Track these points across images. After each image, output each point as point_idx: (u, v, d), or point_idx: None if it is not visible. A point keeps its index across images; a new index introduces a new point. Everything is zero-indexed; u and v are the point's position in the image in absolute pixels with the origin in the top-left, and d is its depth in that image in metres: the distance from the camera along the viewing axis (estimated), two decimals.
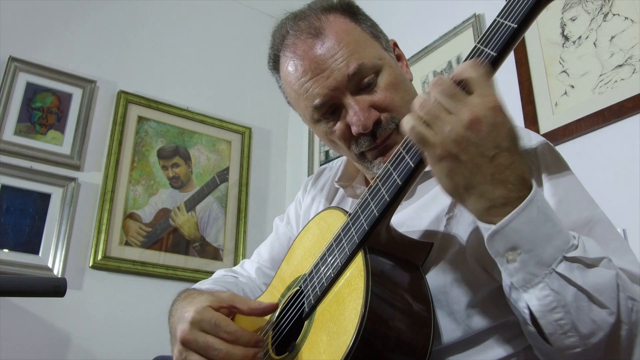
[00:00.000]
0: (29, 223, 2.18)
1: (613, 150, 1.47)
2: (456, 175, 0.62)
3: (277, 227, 1.23)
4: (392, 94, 0.88)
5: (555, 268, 0.60)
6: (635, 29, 1.47)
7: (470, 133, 0.60)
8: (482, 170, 0.60)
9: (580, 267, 0.61)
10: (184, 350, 0.77)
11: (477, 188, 0.61)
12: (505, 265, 0.62)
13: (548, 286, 0.60)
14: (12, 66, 2.30)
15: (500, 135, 0.60)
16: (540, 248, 0.61)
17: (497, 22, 0.66)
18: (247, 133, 2.82)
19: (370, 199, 0.74)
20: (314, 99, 0.88)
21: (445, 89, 0.62)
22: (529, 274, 0.61)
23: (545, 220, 0.61)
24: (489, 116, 0.60)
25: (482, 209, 0.62)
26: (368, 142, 0.88)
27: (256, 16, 3.11)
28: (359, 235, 0.73)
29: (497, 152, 0.60)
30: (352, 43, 0.88)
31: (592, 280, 0.61)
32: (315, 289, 0.77)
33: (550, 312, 0.61)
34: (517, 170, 0.61)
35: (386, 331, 0.66)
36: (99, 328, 2.17)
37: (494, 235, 0.61)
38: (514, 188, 0.61)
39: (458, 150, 0.60)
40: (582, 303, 0.61)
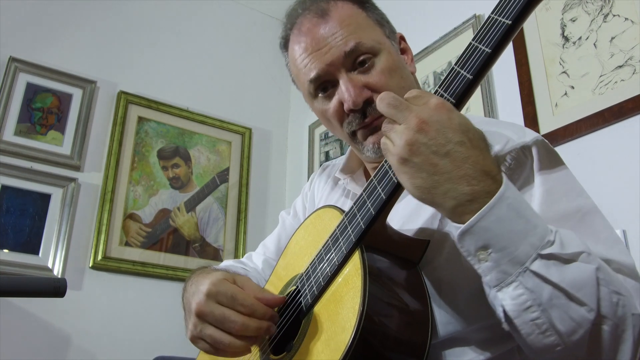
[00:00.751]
0: (29, 223, 2.18)
1: (613, 151, 1.47)
2: (416, 179, 0.62)
3: (283, 220, 1.24)
4: (387, 78, 0.90)
5: (529, 266, 0.59)
6: (635, 29, 1.47)
7: (419, 135, 0.61)
8: (440, 168, 0.61)
9: (557, 264, 0.60)
10: (199, 322, 0.77)
11: (439, 188, 0.61)
12: (477, 264, 0.62)
13: (522, 285, 0.60)
14: (12, 66, 2.30)
15: (449, 131, 0.61)
16: (512, 246, 0.60)
17: (491, 19, 0.66)
18: (247, 134, 2.83)
19: (367, 197, 0.74)
20: (310, 73, 0.92)
21: (390, 102, 0.65)
22: (502, 272, 0.60)
23: (517, 217, 0.60)
24: (434, 115, 0.62)
25: (449, 208, 0.62)
26: (358, 120, 0.91)
27: (256, 17, 3.11)
28: (355, 233, 0.73)
29: (450, 148, 0.61)
30: (354, 25, 0.92)
31: (569, 276, 0.60)
32: (312, 288, 0.77)
33: (525, 312, 0.60)
34: (477, 164, 0.61)
35: (384, 329, 0.66)
36: (99, 328, 2.17)
37: (463, 234, 0.61)
38: (477, 182, 0.60)
39: (410, 154, 0.62)
40: (559, 301, 0.60)
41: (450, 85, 0.67)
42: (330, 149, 2.64)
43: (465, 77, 0.66)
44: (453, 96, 0.66)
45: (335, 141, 2.62)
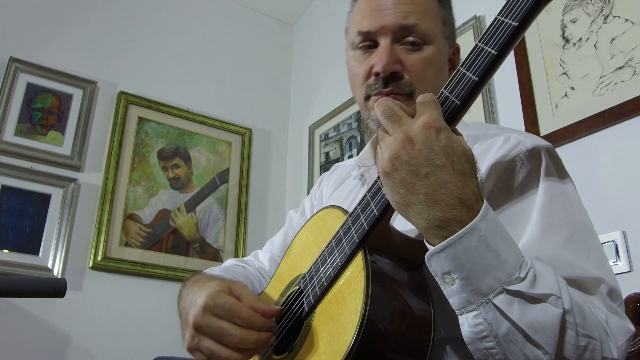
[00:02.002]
0: (29, 224, 2.18)
1: (613, 152, 1.47)
2: (394, 194, 0.64)
3: (291, 218, 1.25)
4: (423, 68, 0.91)
5: (492, 299, 0.59)
6: (635, 30, 1.47)
7: (403, 152, 0.62)
8: (416, 188, 0.61)
9: (521, 302, 0.60)
10: (196, 335, 0.77)
11: (412, 207, 0.62)
12: (443, 286, 0.62)
13: (481, 315, 0.60)
14: (12, 67, 2.30)
15: (433, 153, 0.61)
16: (476, 278, 0.60)
17: (497, 21, 0.66)
18: (247, 134, 2.83)
19: (371, 198, 0.74)
20: (362, 25, 0.94)
21: (384, 110, 0.65)
22: (464, 299, 0.60)
23: (486, 250, 0.60)
24: (420, 134, 0.61)
25: (421, 228, 0.63)
26: (379, 86, 0.91)
27: (257, 17, 3.12)
28: (358, 234, 0.73)
29: (430, 171, 0.61)
30: (422, 8, 0.93)
31: (529, 317, 0.60)
32: (315, 289, 0.77)
33: (481, 341, 0.60)
34: (455, 191, 0.60)
35: (386, 331, 0.66)
36: (99, 329, 2.17)
37: (431, 257, 0.62)
38: (450, 210, 0.60)
39: (392, 169, 0.62)
40: (515, 338, 0.60)
41: (455, 87, 0.67)
42: (330, 149, 2.64)
43: (470, 79, 0.66)
44: (458, 98, 0.66)
45: (335, 142, 2.62)
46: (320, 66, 2.92)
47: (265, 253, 1.21)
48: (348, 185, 1.12)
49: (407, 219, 0.65)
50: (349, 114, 2.57)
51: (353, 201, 1.03)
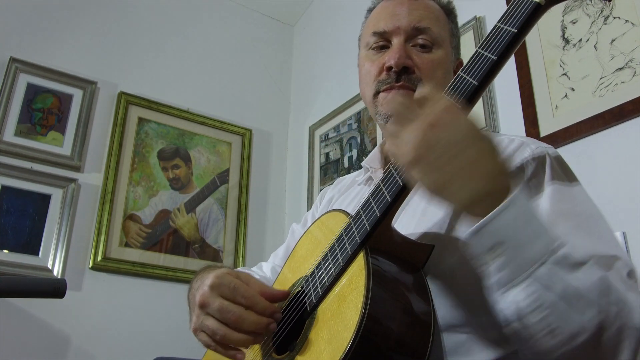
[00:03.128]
0: (29, 224, 2.18)
1: (613, 153, 1.47)
2: (431, 176, 0.62)
3: (293, 231, 1.28)
4: (434, 68, 0.96)
5: (538, 267, 0.60)
6: (635, 32, 1.48)
7: (430, 135, 0.61)
8: (454, 165, 0.60)
9: (563, 269, 0.61)
10: (201, 313, 0.79)
11: (452, 186, 0.61)
12: (488, 263, 0.62)
13: (531, 285, 0.60)
14: (12, 67, 2.30)
15: (459, 132, 0.61)
16: (522, 248, 0.60)
17: (497, 28, 0.68)
18: (247, 135, 2.83)
19: (373, 199, 0.75)
20: (378, 26, 1.01)
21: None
22: (512, 272, 0.60)
23: (527, 222, 0.61)
24: (443, 117, 0.62)
25: (464, 204, 0.62)
26: (391, 80, 0.95)
27: (257, 18, 3.12)
28: (360, 235, 0.74)
29: (460, 149, 0.60)
30: (434, 16, 1.01)
31: (574, 282, 0.61)
32: (316, 289, 0.78)
33: (532, 313, 0.60)
34: (488, 164, 0.61)
35: (386, 330, 0.66)
36: (99, 329, 2.17)
37: (477, 232, 0.61)
38: (492, 180, 0.61)
39: (421, 153, 0.62)
40: (563, 305, 0.60)
41: (456, 91, 0.68)
42: (330, 150, 2.64)
43: (471, 83, 0.67)
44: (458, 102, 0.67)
45: (335, 142, 2.62)
46: (320, 67, 2.92)
47: (268, 264, 1.24)
48: (353, 191, 1.14)
49: (445, 199, 0.63)
50: (349, 115, 2.57)
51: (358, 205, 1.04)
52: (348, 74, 2.51)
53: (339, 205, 1.13)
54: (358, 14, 1.16)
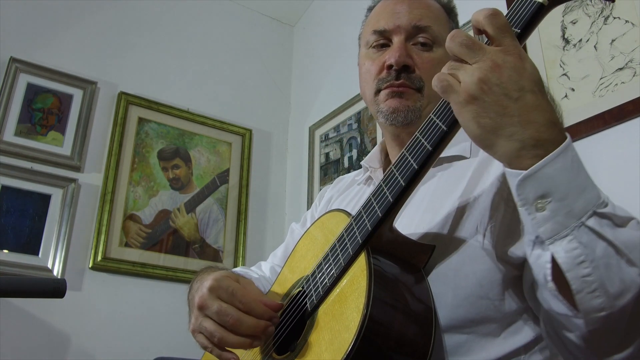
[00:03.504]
0: (29, 224, 2.18)
1: (613, 153, 1.47)
2: (482, 119, 0.61)
3: (292, 231, 1.28)
4: (434, 67, 0.95)
5: (585, 221, 0.58)
6: (635, 32, 1.48)
7: (492, 76, 0.60)
8: (508, 110, 0.60)
9: (609, 225, 0.60)
10: (199, 315, 0.79)
11: (505, 129, 0.60)
12: (533, 214, 0.60)
13: (576, 239, 0.58)
14: (12, 67, 2.30)
15: (522, 78, 0.60)
16: (572, 198, 0.59)
17: None
18: (247, 135, 2.83)
19: (374, 199, 0.75)
20: (378, 25, 1.01)
21: (462, 40, 0.63)
22: (558, 224, 0.59)
23: (579, 171, 0.60)
24: (509, 61, 0.61)
25: (511, 151, 0.61)
26: (391, 78, 0.96)
27: (257, 18, 3.12)
28: (362, 235, 0.74)
29: (521, 94, 0.60)
30: (434, 15, 1.01)
31: (621, 237, 0.60)
32: (317, 289, 0.78)
33: (578, 267, 0.58)
34: (545, 113, 0.60)
35: (387, 331, 0.66)
36: (99, 329, 2.17)
37: (525, 179, 0.59)
38: (544, 129, 0.59)
39: (481, 93, 0.60)
40: (610, 260, 0.59)
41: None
42: (330, 150, 2.64)
43: None
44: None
45: (335, 142, 2.62)
46: (320, 67, 2.92)
47: (267, 264, 1.24)
48: (353, 191, 1.14)
49: (491, 144, 0.62)
50: (349, 115, 2.57)
51: (358, 203, 1.04)
52: (348, 74, 2.51)
53: (338, 205, 1.13)
54: (358, 14, 1.16)
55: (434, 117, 0.70)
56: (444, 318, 0.77)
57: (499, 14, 0.63)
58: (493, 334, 0.77)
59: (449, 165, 0.93)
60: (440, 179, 0.92)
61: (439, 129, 0.68)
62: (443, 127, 0.67)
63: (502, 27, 0.63)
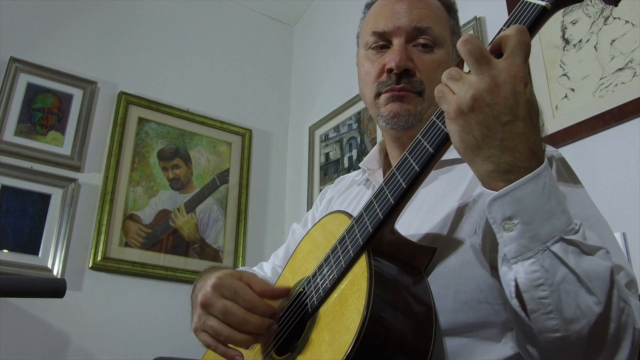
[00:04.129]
0: (29, 224, 2.18)
1: (613, 153, 1.48)
2: (466, 135, 0.62)
3: (293, 231, 1.27)
4: (433, 69, 0.94)
5: (549, 246, 0.60)
6: (635, 32, 1.48)
7: (487, 95, 0.60)
8: (493, 133, 0.60)
9: (575, 252, 0.61)
10: (203, 314, 0.79)
11: (483, 150, 0.61)
12: (501, 233, 0.62)
13: (538, 262, 0.60)
14: (13, 67, 2.30)
15: (517, 104, 0.61)
16: (538, 223, 0.60)
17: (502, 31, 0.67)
18: (247, 135, 2.83)
19: (376, 201, 0.75)
20: (377, 26, 0.98)
21: (472, 49, 0.63)
22: (522, 246, 0.60)
23: (549, 198, 0.61)
24: (508, 83, 0.61)
25: (485, 171, 0.62)
26: (391, 82, 0.94)
27: (257, 18, 3.12)
28: (363, 237, 0.74)
29: (511, 119, 0.60)
30: (435, 14, 0.99)
31: (585, 266, 0.60)
32: (318, 290, 0.78)
33: (535, 289, 0.60)
34: (528, 142, 0.61)
35: (388, 332, 0.66)
36: (99, 329, 2.17)
37: (494, 200, 0.61)
38: (521, 157, 0.60)
39: (472, 110, 0.61)
40: (569, 286, 0.60)
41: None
42: (330, 150, 2.64)
43: None
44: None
45: (335, 142, 2.62)
46: (320, 67, 2.92)
47: (268, 264, 1.24)
48: (353, 191, 1.13)
49: (469, 161, 0.64)
50: (349, 115, 2.57)
51: (358, 205, 1.04)
52: (348, 74, 2.51)
53: (339, 206, 1.13)
54: (358, 14, 1.15)
55: (436, 119, 0.70)
56: (445, 322, 0.77)
57: (527, 31, 0.65)
58: (494, 338, 0.77)
59: (450, 167, 0.93)
60: (442, 182, 0.92)
61: (441, 131, 0.68)
62: (445, 130, 0.67)
63: (522, 44, 0.63)
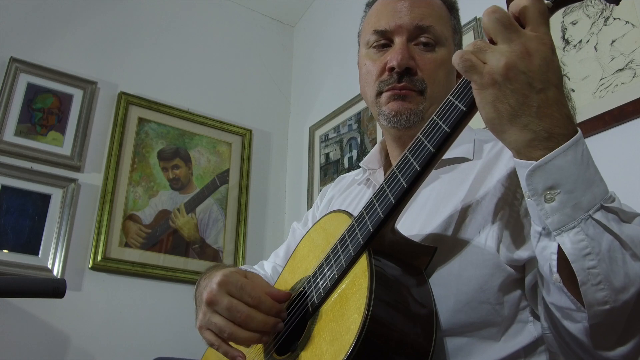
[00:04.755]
0: (29, 224, 2.18)
1: (613, 154, 1.47)
2: (501, 104, 0.61)
3: (294, 230, 1.27)
4: (435, 68, 0.94)
5: (592, 214, 0.59)
6: (635, 33, 1.48)
7: (521, 63, 0.59)
8: (529, 101, 0.59)
9: (615, 219, 0.60)
10: (208, 311, 0.79)
11: (521, 118, 0.60)
12: (542, 204, 0.60)
13: (583, 231, 0.58)
14: (13, 67, 2.30)
15: (549, 71, 0.60)
16: (580, 191, 0.59)
17: None
18: (247, 135, 2.83)
19: (376, 201, 0.75)
20: (379, 24, 0.98)
21: (501, 17, 0.61)
22: (566, 215, 0.59)
23: (589, 165, 0.60)
24: (541, 51, 0.60)
25: (523, 141, 0.61)
26: (393, 81, 0.94)
27: (257, 18, 3.12)
28: (363, 237, 0.74)
29: (546, 86, 0.60)
30: (437, 14, 0.98)
31: (627, 231, 0.60)
32: (319, 290, 0.78)
33: (584, 258, 0.59)
34: (564, 108, 0.60)
35: (388, 332, 0.66)
36: (99, 329, 2.17)
37: (535, 170, 0.60)
38: (559, 124, 0.60)
39: (506, 78, 0.60)
40: (616, 254, 0.59)
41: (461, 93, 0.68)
42: (330, 150, 2.64)
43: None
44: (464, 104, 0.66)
45: (335, 143, 2.62)
46: (320, 67, 2.92)
47: (269, 263, 1.24)
48: (353, 191, 1.13)
49: (503, 132, 0.62)
50: (349, 115, 2.57)
51: (358, 205, 1.04)
52: (348, 74, 2.51)
53: (339, 205, 1.13)
54: (358, 15, 1.15)
55: (436, 118, 0.70)
56: (445, 322, 0.77)
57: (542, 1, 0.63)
58: (493, 337, 0.78)
59: (452, 167, 0.92)
60: (443, 181, 0.91)
61: (441, 130, 0.68)
62: (446, 129, 0.67)
63: (543, 14, 0.62)
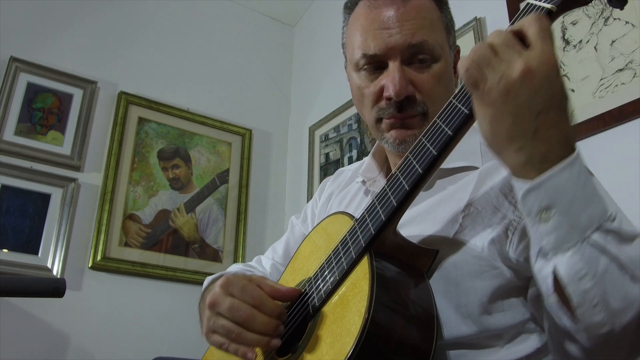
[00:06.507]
0: (29, 223, 2.18)
1: (613, 154, 1.47)
2: (498, 124, 0.59)
3: (292, 225, 1.25)
4: (435, 84, 0.89)
5: (589, 235, 0.57)
6: (635, 33, 1.48)
7: (522, 83, 0.58)
8: (526, 124, 0.58)
9: (615, 240, 0.58)
10: (212, 315, 0.79)
11: (516, 141, 0.59)
12: (537, 225, 0.59)
13: (579, 253, 0.57)
14: (13, 66, 2.30)
15: (551, 92, 0.58)
16: (576, 211, 0.57)
17: None
18: (247, 135, 2.83)
19: (378, 203, 0.75)
20: (368, 48, 0.90)
21: (504, 38, 0.61)
22: (561, 236, 0.58)
23: (585, 185, 0.58)
24: (543, 70, 0.58)
25: (518, 163, 0.60)
26: (392, 110, 0.89)
27: (257, 18, 3.12)
28: (365, 239, 0.73)
29: (545, 108, 0.58)
30: (427, 20, 0.90)
31: (626, 252, 0.58)
32: (320, 292, 0.78)
33: (579, 281, 0.57)
34: (562, 130, 0.58)
35: (389, 334, 0.66)
36: (98, 329, 2.17)
37: (530, 191, 0.58)
38: (555, 147, 0.58)
39: (505, 99, 0.58)
40: (613, 275, 0.57)
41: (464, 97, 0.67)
42: (330, 150, 2.64)
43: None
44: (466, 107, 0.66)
45: (335, 143, 2.62)
46: (320, 67, 2.92)
47: (267, 259, 1.21)
48: (353, 188, 1.11)
49: (498, 152, 0.61)
50: (349, 115, 2.57)
51: (358, 205, 1.03)
52: None
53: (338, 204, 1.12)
54: None
55: (439, 122, 0.70)
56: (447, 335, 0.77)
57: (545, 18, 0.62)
58: (496, 346, 0.77)
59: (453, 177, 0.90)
60: (445, 190, 0.89)
61: (444, 134, 0.68)
62: (449, 132, 0.67)
63: (546, 30, 0.60)
